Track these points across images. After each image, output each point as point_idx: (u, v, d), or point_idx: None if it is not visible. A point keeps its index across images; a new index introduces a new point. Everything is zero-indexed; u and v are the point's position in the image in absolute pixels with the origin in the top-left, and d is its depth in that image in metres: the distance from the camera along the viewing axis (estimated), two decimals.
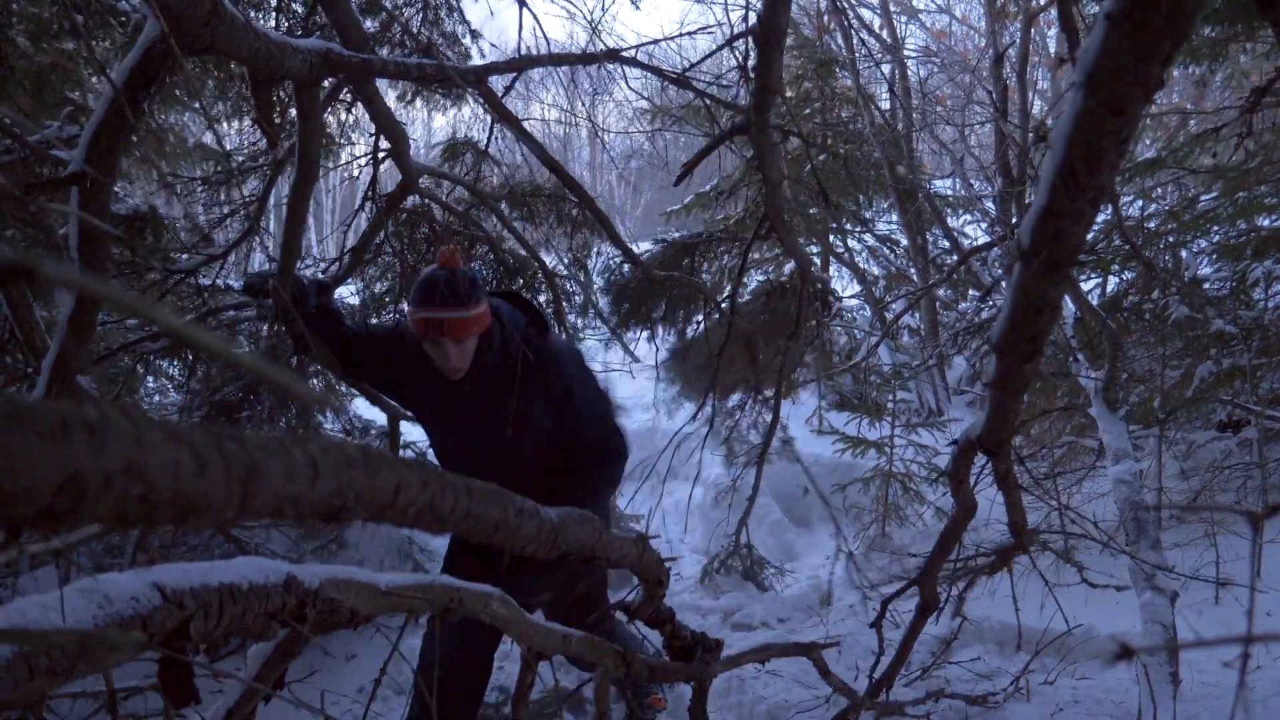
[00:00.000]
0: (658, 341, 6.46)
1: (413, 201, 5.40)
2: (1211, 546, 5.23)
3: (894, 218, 10.66)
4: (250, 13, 4.34)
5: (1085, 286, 7.43)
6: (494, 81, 3.26)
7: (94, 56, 4.04)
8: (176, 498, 0.38)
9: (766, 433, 5.50)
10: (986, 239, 9.58)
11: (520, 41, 5.00)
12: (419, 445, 5.65)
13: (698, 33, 3.67)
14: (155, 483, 0.37)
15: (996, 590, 5.03)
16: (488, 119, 5.76)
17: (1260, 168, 5.55)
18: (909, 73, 10.82)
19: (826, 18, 9.65)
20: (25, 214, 3.60)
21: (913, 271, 10.55)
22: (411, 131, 5.21)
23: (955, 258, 9.59)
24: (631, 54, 3.22)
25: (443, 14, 5.41)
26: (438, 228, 5.75)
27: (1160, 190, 7.66)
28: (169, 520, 0.38)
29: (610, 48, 3.25)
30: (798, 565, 7.55)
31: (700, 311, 6.23)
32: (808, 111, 9.06)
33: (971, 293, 9.70)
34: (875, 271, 11.10)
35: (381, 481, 0.53)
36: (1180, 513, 5.92)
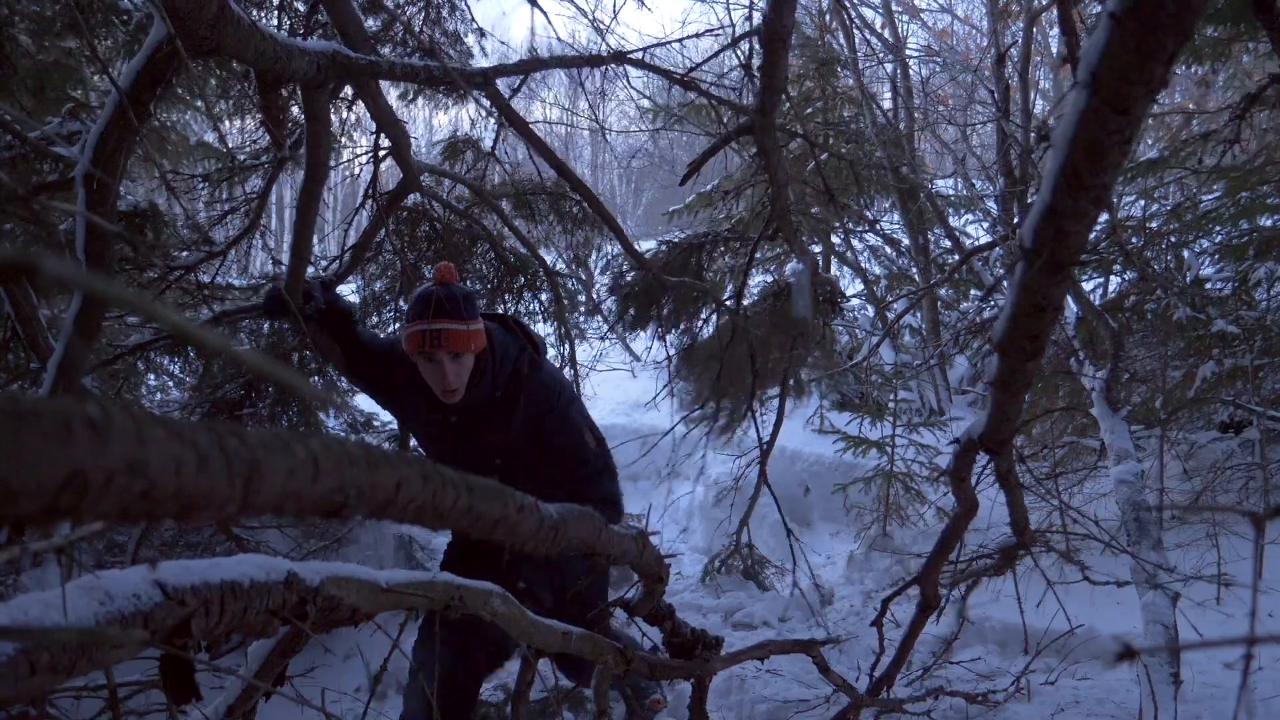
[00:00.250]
0: (665, 342, 6.45)
1: (413, 200, 5.41)
2: (1213, 547, 5.22)
3: (896, 217, 10.65)
4: (253, 12, 4.34)
5: (1087, 286, 7.44)
6: (499, 83, 3.25)
7: (96, 55, 4.04)
8: (178, 494, 0.38)
9: (770, 433, 5.50)
10: (988, 239, 9.57)
11: (531, 40, 4.99)
12: None
13: (704, 34, 3.66)
14: (157, 479, 0.37)
15: (999, 591, 5.04)
16: (489, 118, 5.76)
17: (1262, 168, 5.54)
18: (911, 72, 10.81)
19: (828, 17, 9.64)
20: (27, 212, 3.60)
21: (914, 271, 10.54)
22: (412, 129, 5.21)
23: (957, 257, 9.58)
24: (638, 55, 3.21)
25: (444, 13, 5.40)
26: (438, 226, 5.75)
27: (1162, 190, 7.65)
28: (171, 516, 0.38)
29: (616, 50, 3.24)
30: (799, 565, 7.55)
31: (706, 310, 6.22)
32: (809, 111, 9.06)
33: (973, 292, 9.70)
34: (877, 271, 11.10)
35: (382, 478, 0.53)
36: (1182, 513, 5.92)
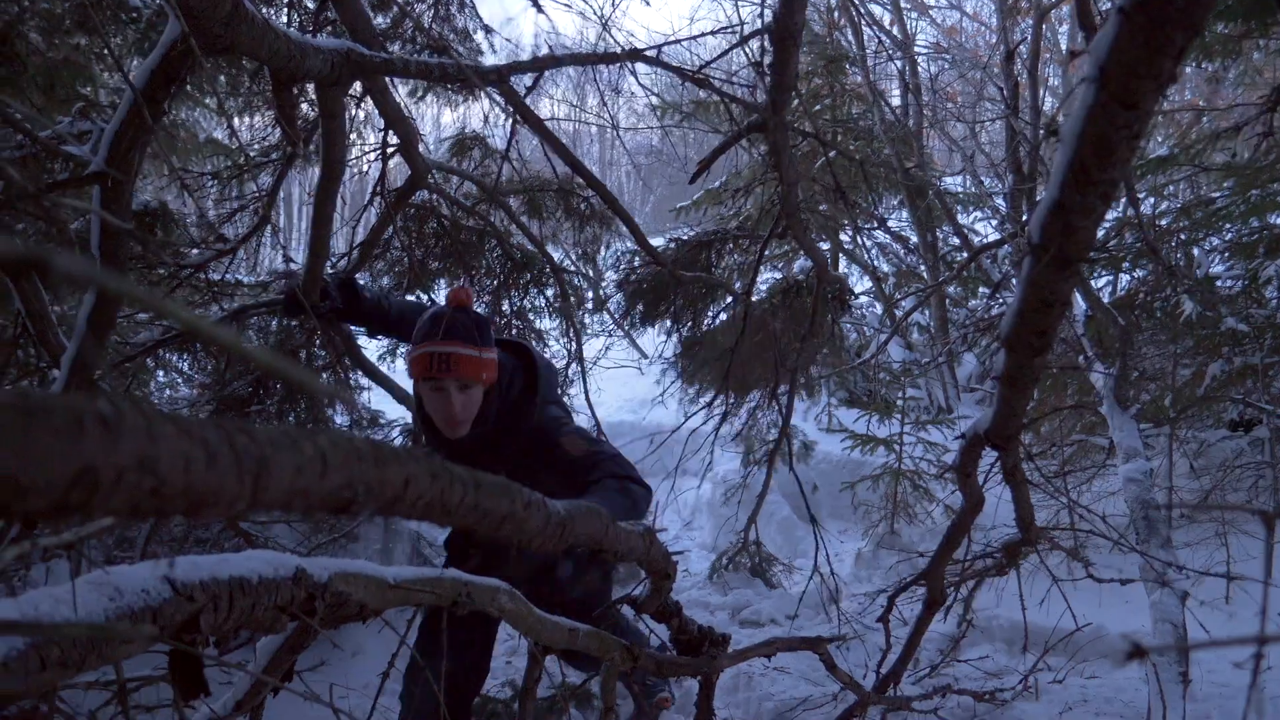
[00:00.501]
0: (674, 338, 6.44)
1: (421, 196, 5.41)
2: (1223, 546, 5.21)
3: (904, 214, 10.64)
4: (264, 9, 4.34)
5: (1097, 284, 7.41)
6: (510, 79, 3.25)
7: (110, 52, 4.05)
8: (188, 491, 0.38)
9: (779, 430, 5.49)
10: (997, 236, 9.56)
11: (536, 37, 5.00)
12: None
13: (717, 33, 3.64)
14: (167, 476, 0.37)
15: (1005, 588, 5.03)
16: (497, 114, 5.76)
17: (1274, 165, 5.52)
18: (920, 69, 10.79)
19: (837, 14, 9.63)
20: (39, 209, 3.61)
21: (923, 268, 10.52)
22: (421, 126, 5.21)
23: (965, 255, 9.57)
24: (651, 54, 3.21)
25: (454, 9, 5.40)
26: (446, 222, 5.76)
27: (1172, 188, 7.63)
28: (180, 513, 0.39)
29: (631, 48, 3.23)
30: (806, 562, 7.55)
31: (715, 307, 6.21)
32: (818, 108, 9.04)
33: (981, 290, 9.69)
34: (885, 268, 11.08)
35: (390, 474, 0.53)
36: (1191, 512, 5.90)
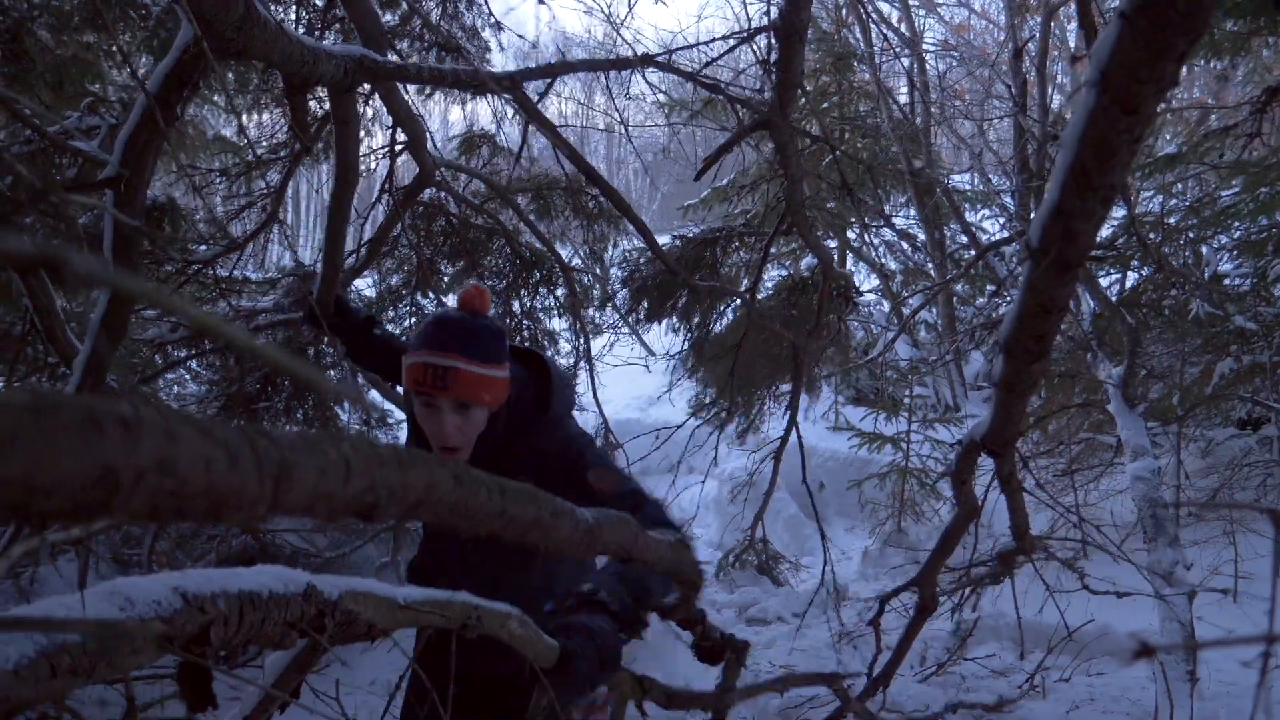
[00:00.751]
0: (680, 336, 6.45)
1: (430, 194, 5.42)
2: (1231, 544, 5.20)
3: (911, 212, 10.63)
4: (273, 7, 4.35)
5: (1104, 282, 7.40)
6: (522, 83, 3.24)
7: (119, 49, 4.05)
8: (208, 492, 0.38)
9: (785, 428, 5.49)
10: (1004, 234, 9.54)
11: (538, 34, 4.99)
12: None
13: (728, 37, 3.62)
14: (187, 477, 0.37)
15: (1012, 588, 5.03)
16: (508, 113, 5.77)
17: None
18: (928, 67, 10.78)
19: (845, 11, 9.62)
20: (47, 206, 3.62)
21: (930, 266, 10.51)
22: (429, 124, 5.22)
23: (973, 253, 9.56)
24: (663, 59, 3.20)
25: (462, 6, 5.41)
26: (454, 221, 5.77)
27: (1180, 186, 7.61)
28: (201, 515, 0.39)
29: (643, 53, 3.22)
30: (813, 560, 7.55)
31: (721, 305, 6.22)
32: (825, 106, 9.03)
33: (989, 287, 9.68)
34: (892, 266, 11.08)
35: (414, 479, 0.53)
36: (1199, 510, 5.89)
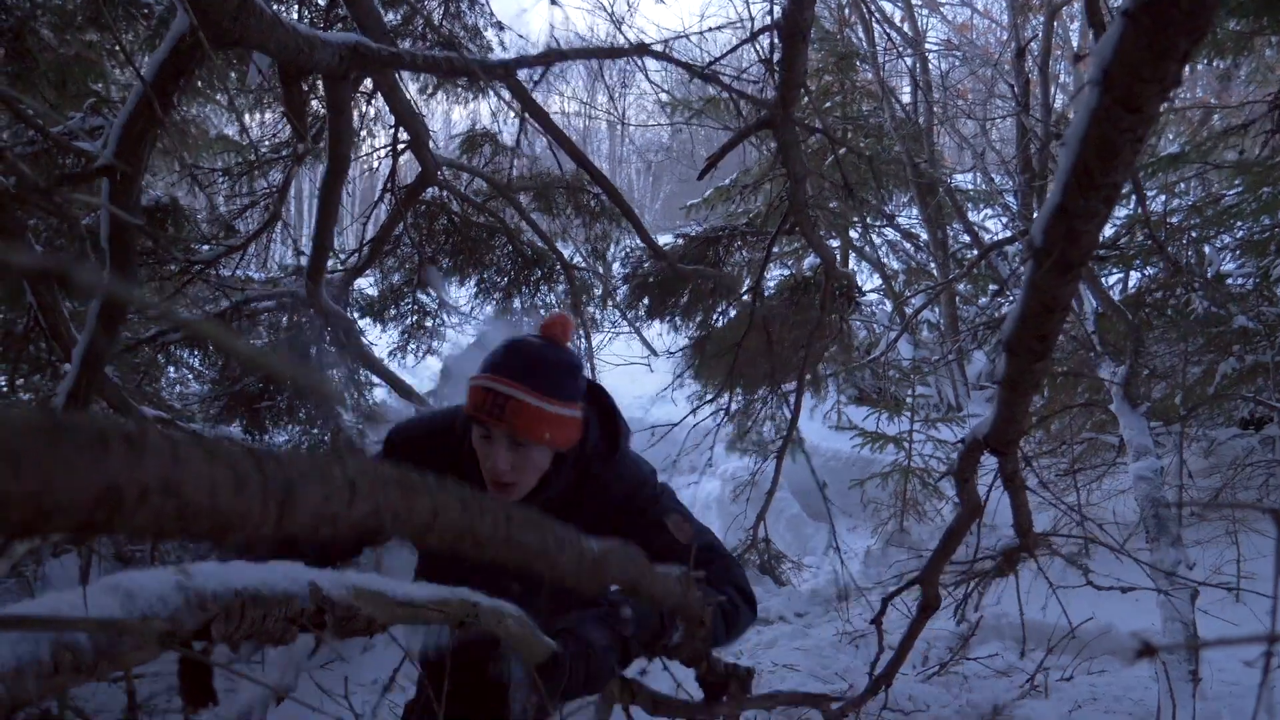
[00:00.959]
0: (680, 333, 6.44)
1: (432, 193, 5.43)
2: (1233, 544, 5.19)
3: (914, 212, 10.62)
4: (274, 6, 4.36)
5: (1107, 282, 7.39)
6: (519, 74, 3.25)
7: (122, 47, 4.06)
8: (213, 513, 0.38)
9: (787, 427, 5.49)
10: (1007, 233, 9.53)
11: (551, 32, 5.00)
12: None
13: (725, 27, 3.63)
14: (192, 498, 0.37)
15: (1016, 587, 5.02)
16: (509, 112, 5.77)
17: None
18: (930, 66, 10.76)
19: (848, 11, 9.61)
20: (50, 205, 3.62)
21: (932, 266, 10.51)
22: (431, 124, 5.23)
23: (975, 252, 9.55)
24: (659, 48, 3.20)
25: (464, 6, 5.41)
26: (456, 219, 5.77)
27: (1183, 185, 7.60)
28: (205, 535, 0.39)
29: (638, 42, 3.23)
30: (816, 560, 7.55)
31: (724, 303, 6.21)
32: (828, 105, 9.03)
33: (991, 287, 9.67)
34: (895, 266, 11.07)
35: (419, 503, 0.53)
36: (1202, 510, 5.89)
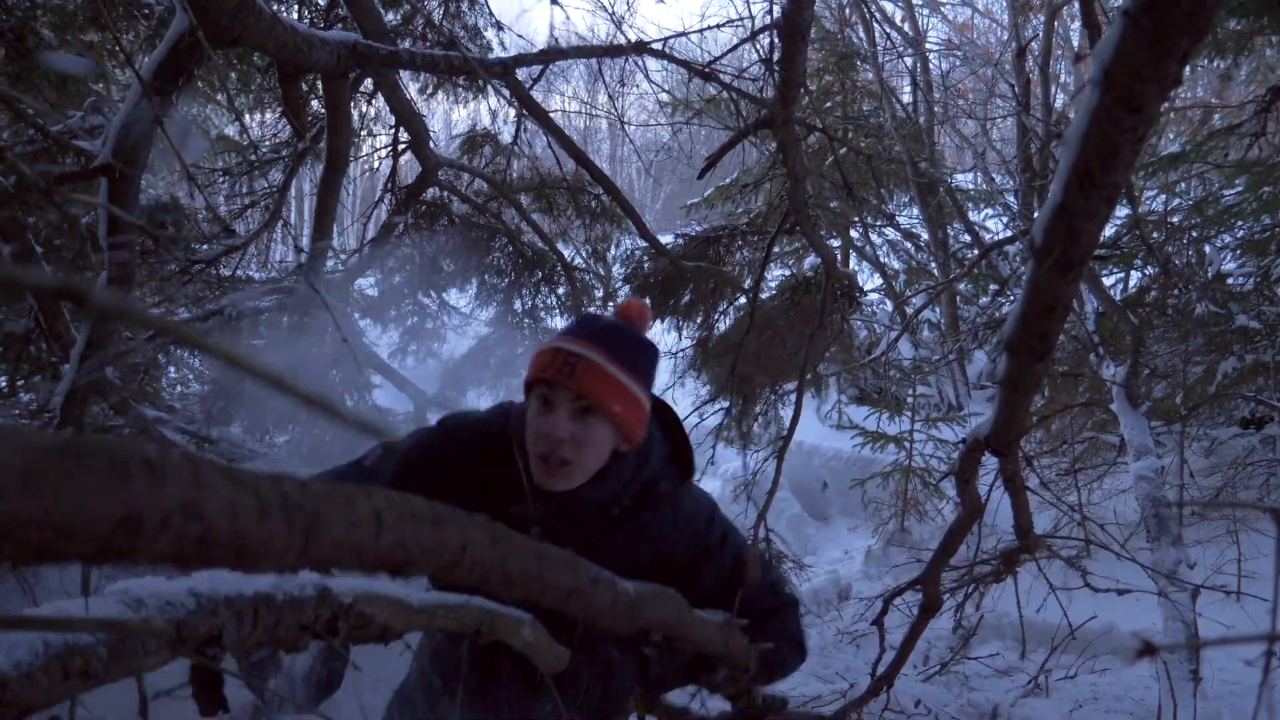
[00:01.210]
0: (683, 334, 6.43)
1: (432, 193, 5.42)
2: (1234, 544, 5.20)
3: (915, 212, 10.61)
4: (274, 5, 4.35)
5: (1107, 282, 7.39)
6: (518, 73, 3.24)
7: (122, 48, 4.06)
8: (235, 540, 0.38)
9: (789, 427, 5.48)
10: (1007, 233, 9.53)
11: (551, 33, 5.01)
12: None
13: (724, 26, 3.64)
14: (213, 524, 0.37)
15: (1015, 587, 5.03)
16: (509, 112, 5.77)
17: None
18: (931, 66, 10.76)
19: (848, 11, 9.61)
20: (51, 204, 3.62)
21: (933, 266, 10.50)
22: (431, 124, 5.22)
23: (976, 252, 9.55)
24: (657, 47, 3.20)
25: (464, 7, 5.41)
26: (457, 220, 5.77)
27: (1184, 185, 7.60)
28: (227, 563, 0.38)
29: (637, 40, 3.22)
30: (816, 559, 7.55)
31: (725, 303, 6.21)
32: (829, 105, 9.03)
33: (992, 287, 9.67)
34: (896, 266, 11.07)
35: (447, 537, 0.52)
36: (1202, 509, 5.89)
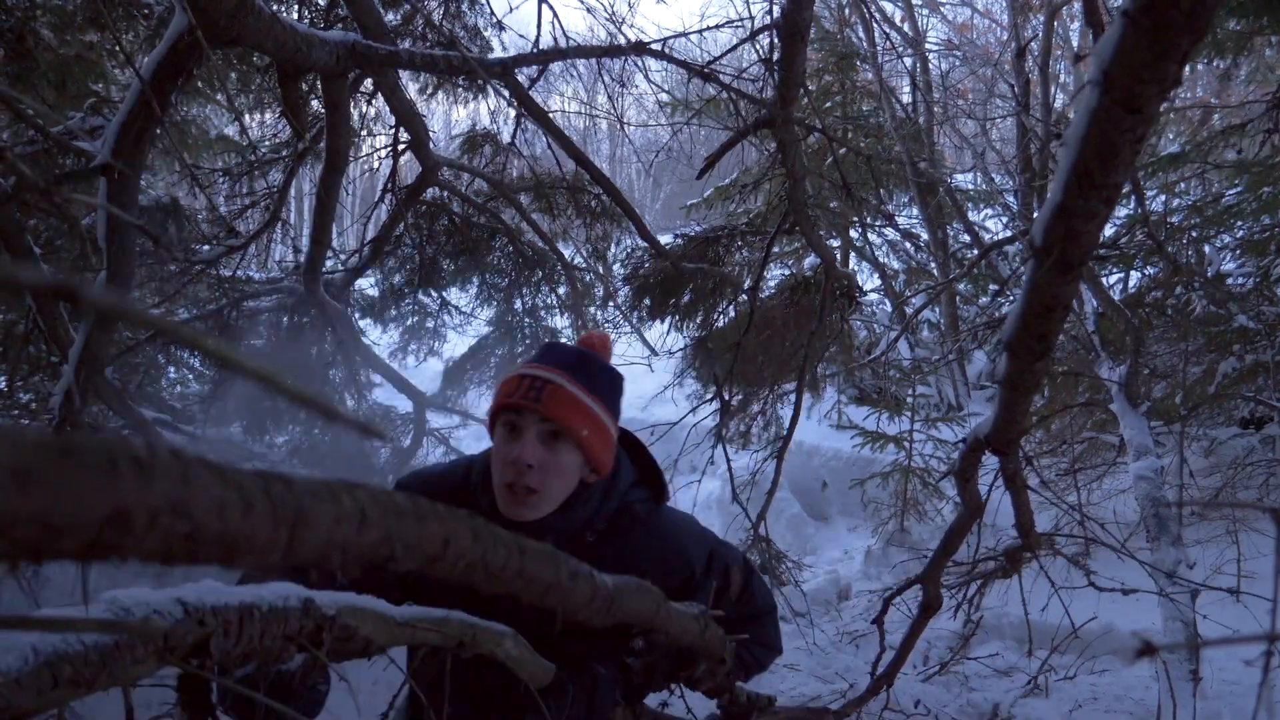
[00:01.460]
0: (683, 334, 6.43)
1: (432, 193, 5.42)
2: (1234, 543, 5.20)
3: (914, 212, 10.62)
4: (273, 5, 4.35)
5: (1107, 282, 7.39)
6: (517, 73, 3.25)
7: (122, 48, 4.06)
8: (222, 537, 0.38)
9: (788, 427, 5.49)
10: (1007, 233, 9.53)
11: (540, 34, 5.01)
12: None
13: (723, 26, 3.64)
14: (201, 521, 0.37)
15: (1015, 587, 5.03)
16: (509, 112, 5.77)
17: None
18: (930, 66, 10.76)
19: (848, 11, 9.61)
20: (50, 205, 3.62)
21: (933, 266, 10.51)
22: (431, 124, 5.23)
23: (976, 252, 9.55)
24: (657, 47, 3.20)
25: (464, 7, 5.41)
26: (457, 220, 5.77)
27: (1184, 185, 7.60)
28: (215, 559, 0.39)
29: (635, 41, 3.23)
30: (816, 559, 7.55)
31: (724, 303, 6.21)
32: (829, 105, 9.03)
33: (992, 287, 9.67)
34: (895, 266, 11.07)
35: (430, 532, 0.52)
36: (1202, 509, 5.89)
